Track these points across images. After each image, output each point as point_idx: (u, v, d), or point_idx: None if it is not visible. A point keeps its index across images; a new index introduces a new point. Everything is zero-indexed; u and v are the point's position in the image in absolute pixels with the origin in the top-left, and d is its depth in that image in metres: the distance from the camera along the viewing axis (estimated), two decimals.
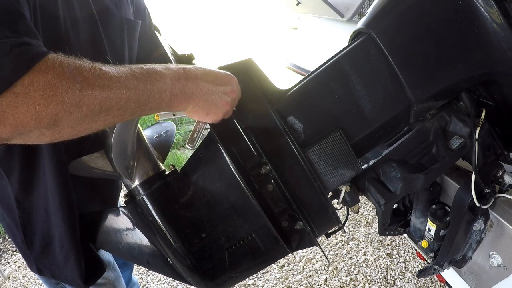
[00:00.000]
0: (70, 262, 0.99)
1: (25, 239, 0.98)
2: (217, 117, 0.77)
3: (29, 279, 2.53)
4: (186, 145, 0.81)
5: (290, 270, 2.40)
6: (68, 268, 1.00)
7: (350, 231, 2.66)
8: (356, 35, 0.92)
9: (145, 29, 1.15)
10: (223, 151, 0.79)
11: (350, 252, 2.49)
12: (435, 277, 1.96)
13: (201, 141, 0.84)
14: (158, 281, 2.43)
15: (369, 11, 0.90)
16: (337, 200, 0.99)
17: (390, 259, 2.41)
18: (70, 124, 0.55)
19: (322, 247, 2.54)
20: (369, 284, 2.26)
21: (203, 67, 0.76)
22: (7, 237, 2.88)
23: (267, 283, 2.32)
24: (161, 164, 0.91)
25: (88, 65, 0.56)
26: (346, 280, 2.28)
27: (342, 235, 2.62)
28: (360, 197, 1.02)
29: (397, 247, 2.50)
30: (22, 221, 0.96)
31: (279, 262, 2.42)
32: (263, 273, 2.38)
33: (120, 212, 0.91)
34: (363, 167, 1.01)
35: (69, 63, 0.54)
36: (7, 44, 0.51)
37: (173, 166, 0.91)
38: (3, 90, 0.48)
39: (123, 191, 0.95)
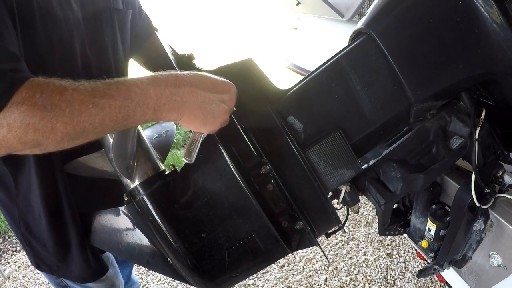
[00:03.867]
0: (67, 262, 1.00)
1: (23, 238, 0.99)
2: (215, 127, 0.73)
3: (29, 279, 2.53)
4: (183, 159, 0.74)
5: (290, 270, 2.40)
6: (67, 266, 1.01)
7: (350, 231, 2.66)
8: (356, 35, 0.92)
9: (135, 17, 1.14)
10: (223, 151, 0.79)
11: (350, 252, 2.49)
12: (435, 277, 1.96)
13: (198, 153, 0.77)
14: (158, 281, 2.43)
15: (369, 11, 0.90)
16: (337, 200, 0.99)
17: (390, 259, 2.41)
18: (52, 144, 0.60)
19: (322, 247, 2.54)
20: (369, 284, 2.26)
21: (199, 74, 0.71)
22: (7, 237, 2.88)
23: (267, 283, 2.32)
24: (161, 164, 0.91)
25: (61, 89, 0.58)
26: (346, 280, 2.28)
27: (342, 235, 2.62)
28: (360, 197, 1.02)
29: (397, 247, 2.50)
30: (20, 220, 0.97)
31: (279, 262, 2.42)
32: (263, 273, 2.38)
33: (120, 212, 0.91)
34: (363, 167, 1.01)
35: (42, 90, 0.57)
36: None
37: (173, 166, 0.91)
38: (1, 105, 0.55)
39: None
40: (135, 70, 1.21)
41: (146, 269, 2.44)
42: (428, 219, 1.12)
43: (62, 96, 0.58)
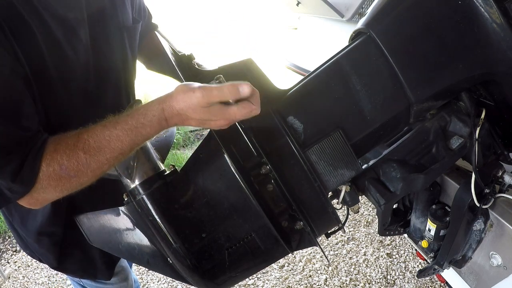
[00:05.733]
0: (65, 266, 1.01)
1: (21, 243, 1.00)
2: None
3: (29, 279, 2.53)
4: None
5: (290, 270, 2.40)
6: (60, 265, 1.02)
7: (350, 231, 2.66)
8: (356, 35, 0.92)
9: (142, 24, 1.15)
10: (223, 151, 0.79)
11: (350, 252, 2.49)
12: (435, 277, 1.96)
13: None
14: (158, 281, 2.43)
15: (369, 11, 0.90)
16: (337, 200, 0.99)
17: (390, 259, 2.41)
18: (70, 190, 0.75)
19: (322, 247, 2.54)
20: (369, 284, 2.26)
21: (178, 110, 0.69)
22: (7, 237, 2.88)
23: (267, 283, 2.32)
24: (161, 164, 0.91)
25: (75, 156, 0.70)
26: (346, 280, 2.28)
27: (342, 235, 2.62)
28: (360, 197, 1.02)
29: (397, 247, 2.50)
30: (18, 227, 0.97)
31: (279, 262, 2.42)
32: (263, 273, 2.38)
33: (120, 212, 0.91)
34: (363, 167, 1.01)
35: (60, 162, 0.70)
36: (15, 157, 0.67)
37: (173, 166, 0.91)
38: (27, 192, 0.70)
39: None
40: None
41: (146, 269, 2.44)
42: (428, 219, 1.12)
43: (79, 163, 0.70)
